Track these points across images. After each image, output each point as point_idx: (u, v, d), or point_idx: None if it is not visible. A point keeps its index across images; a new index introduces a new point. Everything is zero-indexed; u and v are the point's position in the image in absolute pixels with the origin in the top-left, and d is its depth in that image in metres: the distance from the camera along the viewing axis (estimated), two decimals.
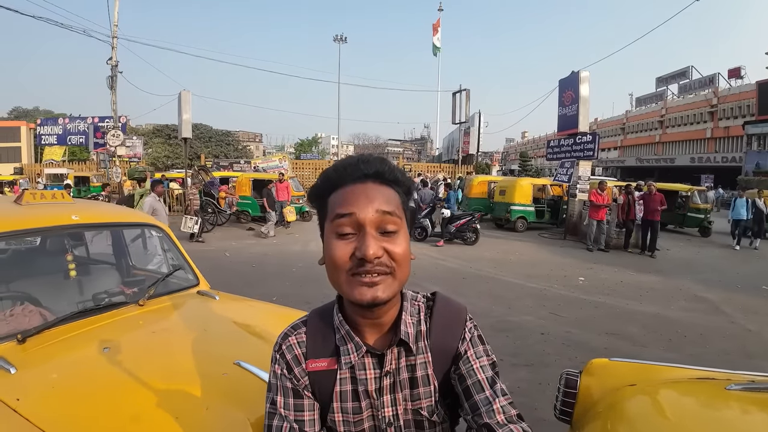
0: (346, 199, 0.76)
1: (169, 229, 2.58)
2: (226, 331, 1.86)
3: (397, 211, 0.77)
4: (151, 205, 6.96)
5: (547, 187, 15.38)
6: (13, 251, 2.51)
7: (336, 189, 0.78)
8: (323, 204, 0.81)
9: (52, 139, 30.65)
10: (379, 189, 0.77)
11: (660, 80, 42.47)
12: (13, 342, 1.67)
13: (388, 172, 0.79)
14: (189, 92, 12.03)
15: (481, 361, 0.85)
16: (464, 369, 0.83)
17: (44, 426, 1.23)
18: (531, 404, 3.50)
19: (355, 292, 0.74)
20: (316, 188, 0.83)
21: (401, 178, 0.82)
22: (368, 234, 0.73)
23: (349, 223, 0.74)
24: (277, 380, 0.86)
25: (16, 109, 61.02)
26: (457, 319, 0.89)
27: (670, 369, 1.61)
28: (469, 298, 6.52)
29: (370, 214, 0.74)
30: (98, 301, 2.05)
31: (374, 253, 0.72)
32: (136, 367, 1.46)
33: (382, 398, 0.83)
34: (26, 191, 2.36)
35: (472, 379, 0.82)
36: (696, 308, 6.33)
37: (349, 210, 0.74)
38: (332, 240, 0.76)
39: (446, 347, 0.86)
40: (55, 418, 1.28)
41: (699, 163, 34.06)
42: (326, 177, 0.81)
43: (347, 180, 0.78)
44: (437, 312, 0.89)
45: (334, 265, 0.75)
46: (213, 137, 42.72)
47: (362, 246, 0.72)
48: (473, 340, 0.88)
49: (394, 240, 0.75)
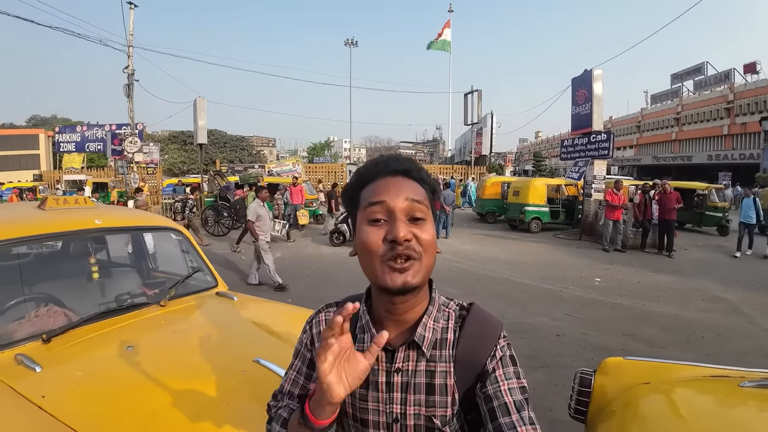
0: (378, 190, 0.81)
1: (188, 232, 2.64)
2: (245, 330, 1.92)
3: (425, 201, 0.82)
4: (255, 210, 7.12)
5: (561, 187, 15.13)
6: (38, 254, 2.60)
7: (368, 183, 0.84)
8: (356, 198, 0.85)
9: (71, 146, 31.29)
10: (408, 182, 0.82)
11: (675, 77, 41.72)
12: (38, 342, 1.74)
13: (415, 171, 0.85)
14: (204, 99, 12.24)
15: (510, 383, 0.81)
16: (491, 389, 0.80)
17: (70, 422, 1.28)
18: (547, 405, 3.48)
19: (387, 278, 0.77)
20: (349, 185, 0.88)
21: (427, 179, 0.86)
22: (398, 219, 0.77)
23: (381, 210, 0.79)
24: (301, 347, 0.95)
25: (35, 118, 62.32)
26: (489, 334, 0.86)
27: (684, 367, 1.61)
28: (483, 299, 6.50)
29: (400, 201, 0.78)
30: (121, 302, 2.12)
31: (404, 236, 0.75)
32: (159, 365, 1.51)
33: (393, 394, 0.84)
34: (49, 197, 2.43)
35: (499, 401, 0.78)
36: (714, 309, 6.21)
37: (380, 198, 0.79)
38: (364, 227, 0.80)
39: (473, 361, 0.84)
40: (80, 415, 1.33)
41: (716, 160, 33.28)
42: (359, 174, 0.87)
43: (378, 175, 0.83)
44: (469, 323, 0.88)
45: (368, 250, 0.78)
46: (227, 142, 43.33)
47: (393, 229, 0.76)
48: (504, 360, 0.84)
49: (422, 227, 0.79)
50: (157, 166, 21.63)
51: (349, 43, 46.51)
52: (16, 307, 1.97)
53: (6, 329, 1.83)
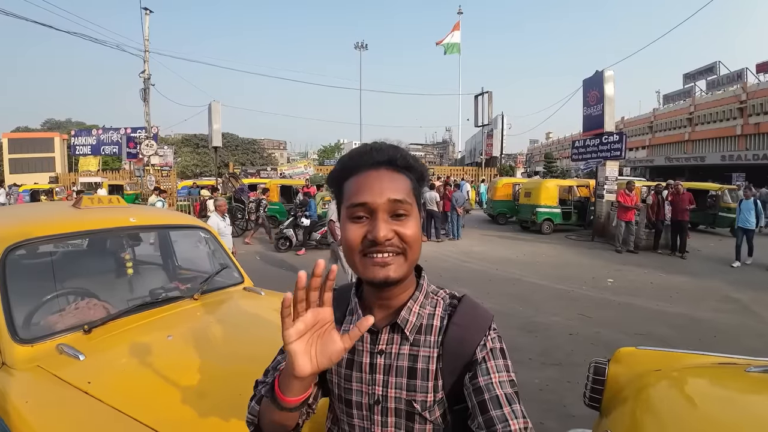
0: (360, 188, 0.80)
1: (215, 231, 2.77)
2: (275, 320, 2.02)
3: (408, 198, 0.80)
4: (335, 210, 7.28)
5: (573, 188, 15.10)
6: (75, 251, 2.73)
7: (351, 175, 0.83)
8: (340, 189, 0.86)
9: (86, 149, 31.90)
10: (391, 176, 0.81)
11: (687, 76, 41.22)
12: (79, 332, 1.84)
13: (400, 159, 0.82)
14: (219, 103, 12.45)
15: (500, 376, 0.80)
16: (482, 381, 0.79)
17: (117, 405, 1.37)
18: (560, 401, 3.55)
19: (368, 271, 0.79)
20: (333, 174, 0.88)
21: (414, 165, 0.84)
22: (379, 218, 0.77)
23: (363, 209, 0.79)
24: None
25: (49, 121, 63.27)
26: (480, 324, 0.86)
27: (694, 356, 1.69)
28: (496, 299, 6.57)
29: (381, 201, 0.78)
30: (155, 296, 2.23)
31: (384, 236, 0.76)
32: (199, 352, 1.62)
33: (375, 375, 0.85)
34: (84, 196, 2.57)
35: (490, 394, 0.77)
36: (726, 308, 6.22)
37: (361, 200, 0.78)
38: (347, 223, 0.81)
39: (461, 350, 0.83)
40: (126, 398, 1.41)
41: (730, 161, 32.78)
42: (342, 164, 0.86)
43: (361, 167, 0.82)
44: (459, 312, 0.87)
45: (349, 246, 0.80)
46: (239, 145, 43.80)
47: (374, 229, 0.77)
48: (494, 352, 0.83)
49: (404, 223, 0.79)
50: (171, 168, 21.99)
51: (359, 46, 46.76)
52: (56, 300, 2.07)
53: (47, 321, 1.93)
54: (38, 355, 1.69)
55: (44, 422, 1.38)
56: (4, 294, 1.81)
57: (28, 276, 2.16)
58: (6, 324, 1.74)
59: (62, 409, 1.43)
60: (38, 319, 1.93)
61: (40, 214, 2.58)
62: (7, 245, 1.92)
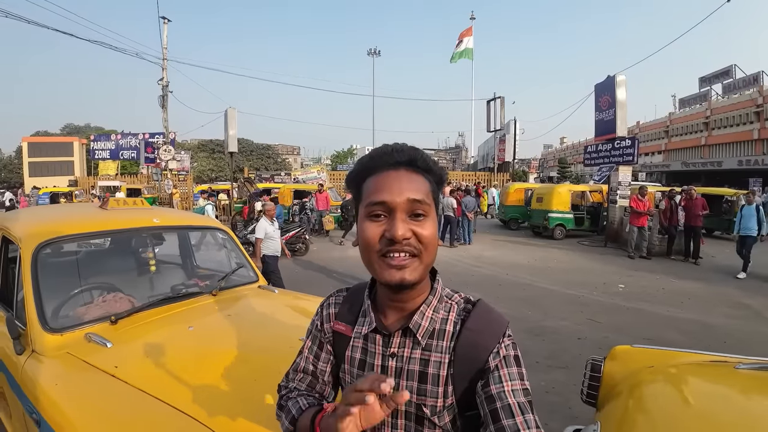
0: (379, 186, 0.79)
1: (232, 232, 2.91)
2: (289, 315, 2.16)
3: (426, 199, 0.80)
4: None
5: (586, 193, 14.97)
6: (102, 249, 2.90)
7: (370, 175, 0.82)
8: (359, 188, 0.85)
9: (105, 153, 32.70)
10: (411, 177, 0.81)
11: (703, 80, 40.59)
12: (106, 323, 1.98)
13: (420, 161, 0.82)
14: (234, 109, 12.70)
15: (514, 384, 0.78)
16: (494, 389, 0.77)
17: (142, 386, 1.48)
18: (565, 403, 3.61)
19: (385, 273, 0.78)
20: (352, 174, 0.87)
21: (433, 167, 0.84)
22: (397, 217, 0.77)
23: (381, 208, 0.78)
24: (312, 328, 1.02)
25: (69, 126, 64.62)
26: (494, 330, 0.84)
27: (687, 354, 1.76)
28: (505, 303, 6.60)
29: (401, 200, 0.77)
30: (176, 291, 2.38)
31: (402, 235, 0.76)
32: (218, 342, 1.74)
33: None
34: (110, 198, 2.73)
35: (503, 402, 0.75)
36: (737, 315, 6.17)
37: (381, 198, 0.78)
38: (365, 222, 0.80)
39: (474, 356, 0.82)
40: (151, 381, 1.53)
41: (747, 166, 32.15)
42: (362, 163, 0.85)
43: (381, 167, 0.81)
44: (474, 317, 0.86)
45: (366, 244, 0.79)
46: (254, 151, 44.43)
47: (392, 228, 0.76)
48: (508, 359, 0.81)
49: (422, 224, 0.79)
50: (187, 173, 22.40)
51: (372, 52, 47.06)
52: (84, 293, 2.22)
53: (75, 312, 2.07)
54: (68, 343, 1.83)
55: (73, 403, 1.49)
56: (35, 287, 1.96)
57: (58, 271, 2.32)
58: (37, 314, 1.88)
59: (90, 390, 1.55)
60: (68, 310, 2.08)
61: (70, 214, 2.75)
62: (39, 242, 2.08)
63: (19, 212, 3.15)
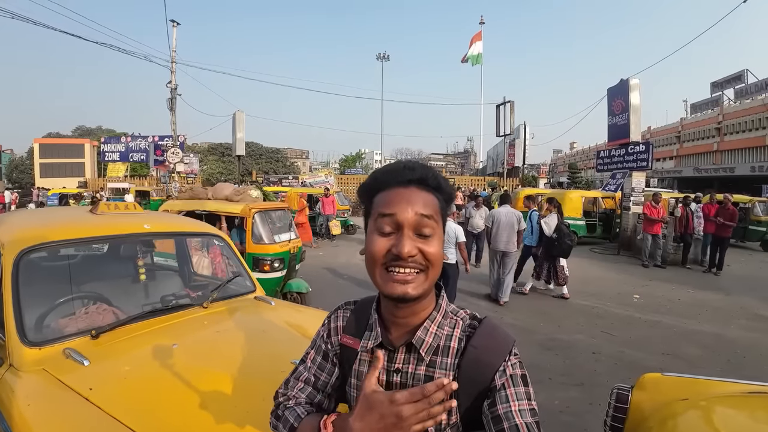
0: (390, 201, 0.81)
1: (229, 239, 2.76)
2: (282, 332, 1.99)
3: (435, 216, 0.81)
4: None
5: (598, 199, 14.66)
6: (89, 256, 2.76)
7: (382, 190, 0.84)
8: (369, 202, 0.86)
9: (115, 156, 33.01)
10: (420, 194, 0.82)
11: (715, 85, 40.04)
12: (87, 337, 1.84)
13: (431, 179, 0.83)
14: (243, 113, 12.66)
15: (521, 404, 0.77)
16: (501, 409, 0.77)
17: (116, 414, 1.34)
18: (582, 425, 3.39)
19: (388, 285, 0.79)
20: (364, 186, 0.89)
21: (443, 185, 0.86)
22: (405, 234, 0.78)
23: (390, 222, 0.79)
24: (318, 339, 1.01)
25: (80, 128, 65.05)
26: (500, 348, 0.84)
27: (723, 384, 1.57)
28: (516, 314, 6.40)
29: (410, 215, 0.78)
30: (166, 303, 2.23)
31: (409, 252, 0.76)
32: (203, 363, 1.59)
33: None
34: (101, 202, 2.59)
35: (510, 423, 0.75)
36: (757, 327, 5.91)
37: (390, 211, 0.79)
38: (373, 235, 0.81)
39: (479, 374, 0.82)
40: (126, 407, 1.39)
41: (760, 172, 31.54)
42: (374, 178, 0.87)
43: (392, 183, 0.83)
44: (479, 334, 0.85)
45: (372, 257, 0.80)
46: (263, 154, 44.54)
47: (399, 244, 0.77)
48: (514, 378, 0.80)
49: (428, 242, 0.79)
50: (196, 176, 22.45)
51: (381, 57, 47.08)
52: (67, 304, 2.08)
53: (56, 324, 1.94)
54: (45, 357, 1.70)
55: (43, 426, 1.37)
56: (15, 297, 1.82)
57: (41, 279, 2.18)
58: (16, 326, 1.75)
59: (62, 414, 1.43)
60: (48, 322, 1.95)
61: (57, 218, 2.62)
62: (22, 248, 1.94)
63: (4, 216, 3.02)
